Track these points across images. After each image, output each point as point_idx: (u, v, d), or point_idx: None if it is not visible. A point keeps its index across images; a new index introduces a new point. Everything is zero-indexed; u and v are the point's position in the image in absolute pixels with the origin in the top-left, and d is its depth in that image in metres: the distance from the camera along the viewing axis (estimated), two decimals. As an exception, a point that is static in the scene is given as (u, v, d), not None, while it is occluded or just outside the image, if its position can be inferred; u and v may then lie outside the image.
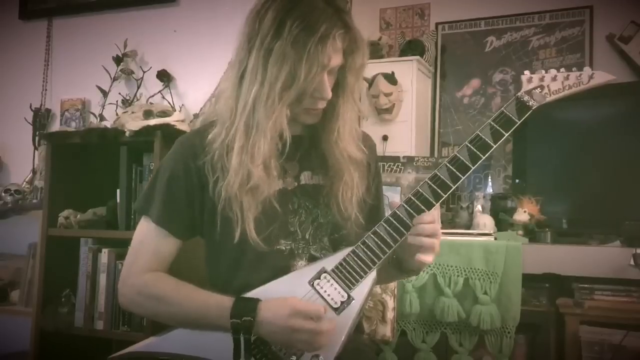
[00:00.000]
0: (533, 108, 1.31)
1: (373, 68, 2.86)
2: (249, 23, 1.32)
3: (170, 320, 1.36)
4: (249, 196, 1.29)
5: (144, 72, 2.88)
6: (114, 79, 2.91)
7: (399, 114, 2.88)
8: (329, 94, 1.32)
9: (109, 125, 2.67)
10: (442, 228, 2.39)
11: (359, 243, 1.30)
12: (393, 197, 2.39)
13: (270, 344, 1.27)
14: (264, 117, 1.27)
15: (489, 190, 2.87)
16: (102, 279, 2.43)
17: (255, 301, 1.26)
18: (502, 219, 2.47)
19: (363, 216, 1.41)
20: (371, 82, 2.83)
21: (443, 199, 1.30)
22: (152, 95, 2.85)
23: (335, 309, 1.27)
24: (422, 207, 1.29)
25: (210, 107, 1.47)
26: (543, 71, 1.34)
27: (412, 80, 2.91)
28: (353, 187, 1.38)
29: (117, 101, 2.88)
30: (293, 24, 1.25)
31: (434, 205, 1.29)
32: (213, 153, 1.33)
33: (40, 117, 3.06)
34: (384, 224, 1.30)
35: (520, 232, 2.36)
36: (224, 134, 1.32)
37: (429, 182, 1.30)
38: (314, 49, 1.24)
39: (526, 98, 1.31)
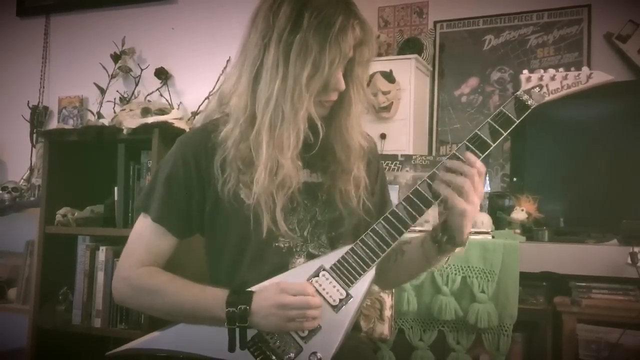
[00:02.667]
0: (532, 107, 1.30)
1: (371, 66, 2.85)
2: (261, 19, 1.31)
3: (165, 313, 1.36)
4: (278, 189, 1.30)
5: (142, 69, 2.87)
6: (112, 77, 2.90)
7: (397, 112, 2.88)
8: (343, 85, 1.34)
9: (106, 123, 2.66)
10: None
11: (358, 241, 1.30)
12: (391, 195, 2.38)
13: (269, 342, 1.28)
14: (290, 110, 1.27)
15: (487, 188, 2.87)
16: (100, 276, 2.43)
17: (250, 292, 1.28)
18: (500, 218, 2.47)
19: (373, 205, 1.41)
20: (369, 80, 2.83)
21: (442, 197, 1.30)
22: (150, 93, 2.84)
23: (334, 307, 1.27)
24: (422, 205, 1.29)
25: (212, 105, 1.46)
26: (542, 70, 1.33)
27: (410, 78, 2.91)
28: (361, 179, 1.39)
29: (114, 99, 2.88)
30: (311, 16, 1.26)
31: (432, 204, 1.29)
32: (227, 150, 1.32)
33: (38, 115, 3.05)
34: (382, 222, 1.30)
35: (518, 230, 2.36)
36: (238, 130, 1.32)
37: (428, 180, 1.30)
38: (335, 39, 1.26)
39: (525, 97, 1.31)
